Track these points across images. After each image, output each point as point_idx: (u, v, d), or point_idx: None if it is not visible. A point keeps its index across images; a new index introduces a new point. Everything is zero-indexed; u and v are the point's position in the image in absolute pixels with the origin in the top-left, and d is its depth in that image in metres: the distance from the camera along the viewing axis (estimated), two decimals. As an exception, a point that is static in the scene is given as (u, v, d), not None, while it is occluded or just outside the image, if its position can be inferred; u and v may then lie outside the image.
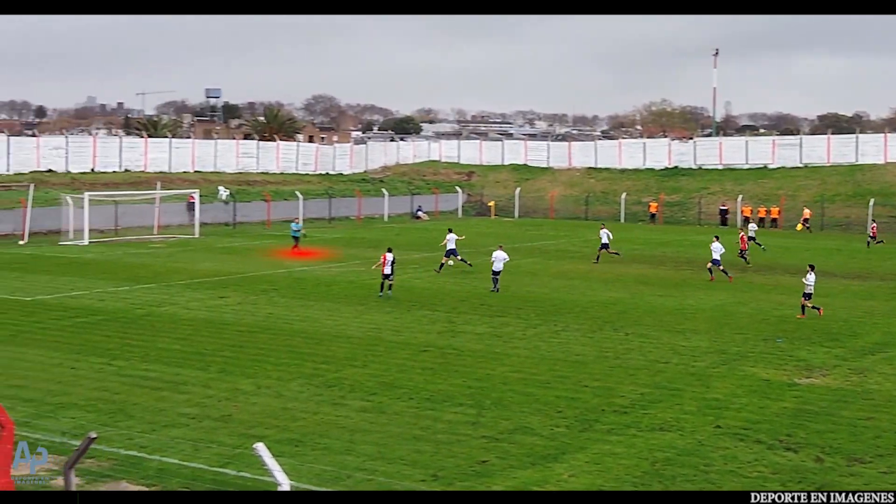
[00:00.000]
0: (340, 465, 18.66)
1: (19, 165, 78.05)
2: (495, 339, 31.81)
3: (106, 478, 17.66)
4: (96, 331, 32.09)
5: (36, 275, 45.73)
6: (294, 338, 31.41)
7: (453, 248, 48.59)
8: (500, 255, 42.36)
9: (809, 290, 36.73)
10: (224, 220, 77.03)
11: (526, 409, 23.11)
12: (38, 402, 22.88)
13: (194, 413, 22.28)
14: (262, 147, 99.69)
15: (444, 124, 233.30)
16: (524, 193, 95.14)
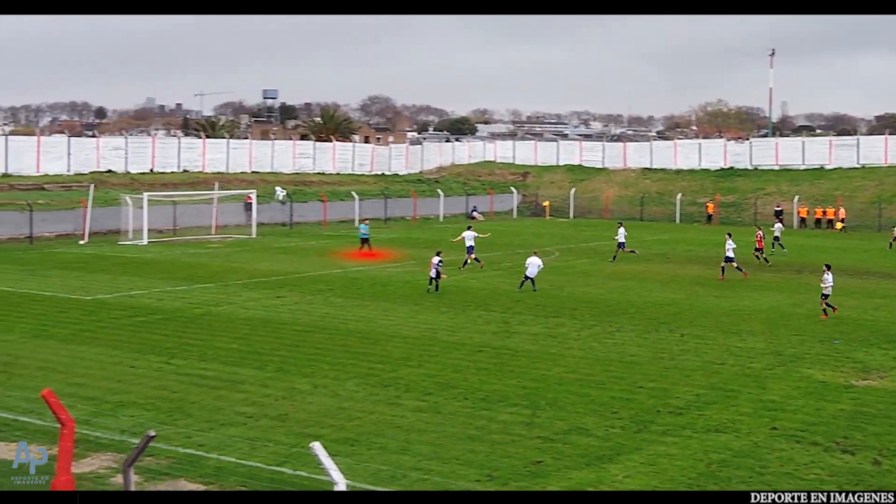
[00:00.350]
0: (396, 464, 18.73)
1: (80, 166, 79.13)
2: (550, 339, 31.78)
3: (164, 476, 17.82)
4: (155, 330, 32.47)
5: (96, 274, 46.37)
6: (350, 337, 31.58)
7: (471, 245, 49.14)
8: (534, 261, 42.42)
9: (827, 290, 36.15)
10: (281, 220, 77.60)
11: (581, 409, 23.08)
12: (98, 401, 23.18)
13: (251, 412, 22.47)
14: (319, 148, 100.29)
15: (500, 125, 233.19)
16: (579, 194, 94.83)
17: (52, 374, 25.90)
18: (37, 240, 61.50)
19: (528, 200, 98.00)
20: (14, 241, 61.11)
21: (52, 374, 25.90)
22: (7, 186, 70.97)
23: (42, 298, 38.76)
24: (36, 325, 32.78)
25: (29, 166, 75.99)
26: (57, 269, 47.97)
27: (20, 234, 61.76)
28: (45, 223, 63.63)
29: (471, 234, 49.42)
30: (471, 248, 49.03)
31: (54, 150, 79.16)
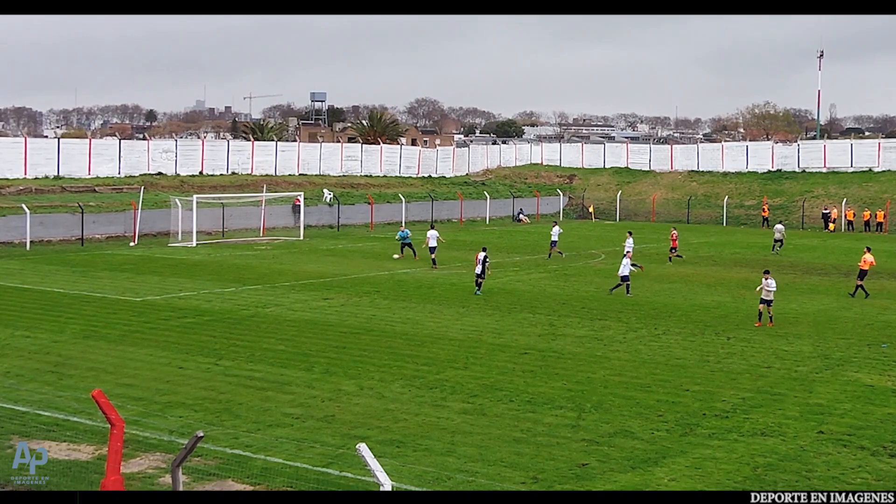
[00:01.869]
0: (441, 466, 18.78)
1: (130, 168, 79.87)
2: (596, 342, 31.74)
3: (212, 476, 17.95)
4: (203, 331, 32.78)
5: (145, 276, 46.86)
6: (396, 339, 31.70)
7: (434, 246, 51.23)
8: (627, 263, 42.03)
9: (768, 296, 34.84)
10: (328, 222, 77.98)
11: (626, 412, 23.05)
12: (147, 401, 23.40)
13: (298, 413, 22.63)
14: (366, 150, 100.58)
15: (546, 127, 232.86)
16: (625, 196, 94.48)
17: (102, 374, 26.21)
18: (88, 241, 62.27)
19: (574, 203, 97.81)
20: (66, 242, 61.92)
21: (102, 374, 26.22)
22: (59, 188, 71.84)
23: (93, 300, 39.24)
24: (86, 326, 33.20)
25: (80, 168, 76.81)
26: (107, 271, 48.54)
27: (72, 235, 62.57)
28: (96, 225, 64.41)
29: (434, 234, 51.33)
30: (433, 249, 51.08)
31: (105, 153, 79.95)
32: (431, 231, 51.43)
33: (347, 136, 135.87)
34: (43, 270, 48.45)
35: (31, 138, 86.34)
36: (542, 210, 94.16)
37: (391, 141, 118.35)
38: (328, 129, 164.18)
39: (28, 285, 43.04)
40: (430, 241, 50.61)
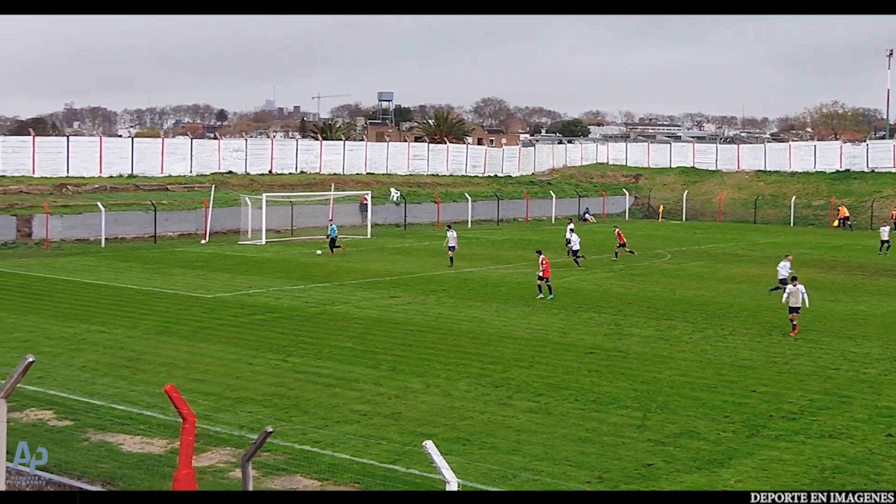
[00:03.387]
0: (507, 464, 18.88)
1: (201, 167, 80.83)
2: (662, 342, 31.67)
3: (281, 471, 18.21)
4: (272, 328, 33.20)
5: (216, 273, 47.53)
6: (462, 338, 31.87)
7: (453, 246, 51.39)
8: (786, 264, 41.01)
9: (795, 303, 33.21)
10: (395, 221, 78.37)
11: (692, 413, 23.01)
12: (217, 396, 23.81)
13: (365, 410, 22.85)
14: (433, 149, 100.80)
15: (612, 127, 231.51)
16: (692, 196, 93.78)
17: (174, 369, 26.68)
18: (160, 239, 63.27)
19: (640, 202, 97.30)
20: (139, 240, 62.96)
21: (175, 369, 26.68)
22: (133, 187, 73.01)
23: (165, 296, 39.91)
24: (159, 322, 33.80)
25: (153, 167, 77.92)
26: (179, 268, 49.31)
27: (145, 233, 63.61)
28: (169, 223, 65.40)
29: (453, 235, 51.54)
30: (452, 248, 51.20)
31: (177, 152, 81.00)
32: (451, 232, 51.42)
33: (414, 135, 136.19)
34: (117, 267, 49.35)
35: (106, 138, 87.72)
36: (608, 210, 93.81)
37: (457, 140, 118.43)
38: (395, 128, 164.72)
39: (103, 281, 43.89)
40: (450, 241, 50.70)
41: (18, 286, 42.35)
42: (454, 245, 51.20)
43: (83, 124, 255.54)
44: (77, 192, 69.19)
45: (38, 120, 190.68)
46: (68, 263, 50.72)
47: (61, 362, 27.11)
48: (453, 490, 12.16)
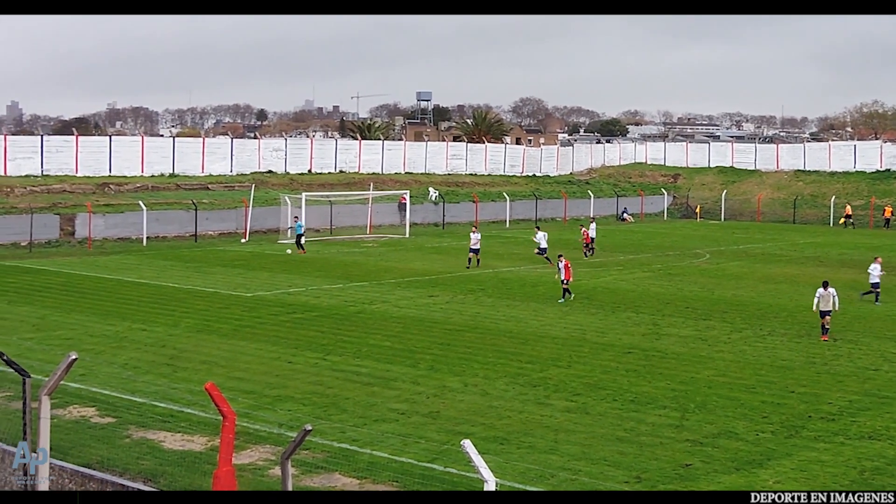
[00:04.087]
0: (545, 463, 18.92)
1: (241, 166, 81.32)
2: (700, 342, 31.58)
3: (319, 469, 18.32)
4: (312, 326, 33.40)
5: (256, 272, 47.85)
6: (500, 337, 31.93)
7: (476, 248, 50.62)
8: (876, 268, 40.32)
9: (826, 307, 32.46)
10: (434, 220, 78.51)
11: (731, 413, 22.95)
12: (257, 395, 23.98)
13: (404, 409, 22.97)
14: (471, 149, 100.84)
15: (650, 126, 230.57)
16: (730, 196, 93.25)
17: (214, 367, 26.94)
18: (201, 238, 63.75)
19: (678, 202, 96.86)
20: (180, 238, 63.48)
21: (215, 367, 26.94)
22: (174, 186, 73.59)
23: (205, 294, 40.24)
24: (200, 321, 34.09)
25: (194, 167, 78.49)
26: (219, 267, 49.67)
27: (186, 232, 64.12)
28: (209, 222, 65.90)
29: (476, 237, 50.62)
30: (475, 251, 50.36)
31: (218, 152, 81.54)
32: (475, 234, 50.80)
33: (452, 135, 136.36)
34: (158, 266, 49.80)
35: (147, 137, 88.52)
36: (647, 209, 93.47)
37: (496, 140, 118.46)
38: (434, 128, 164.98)
39: (145, 280, 44.32)
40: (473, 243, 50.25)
41: (62, 284, 42.85)
42: (477, 247, 50.38)
43: (125, 124, 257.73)
44: (119, 191, 69.85)
45: (81, 120, 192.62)
46: (110, 262, 51.24)
47: (103, 360, 27.44)
48: (491, 489, 12.19)
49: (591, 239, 57.08)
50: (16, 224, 58.07)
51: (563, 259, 40.19)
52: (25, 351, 27.44)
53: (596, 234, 58.42)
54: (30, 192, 65.12)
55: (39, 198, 64.26)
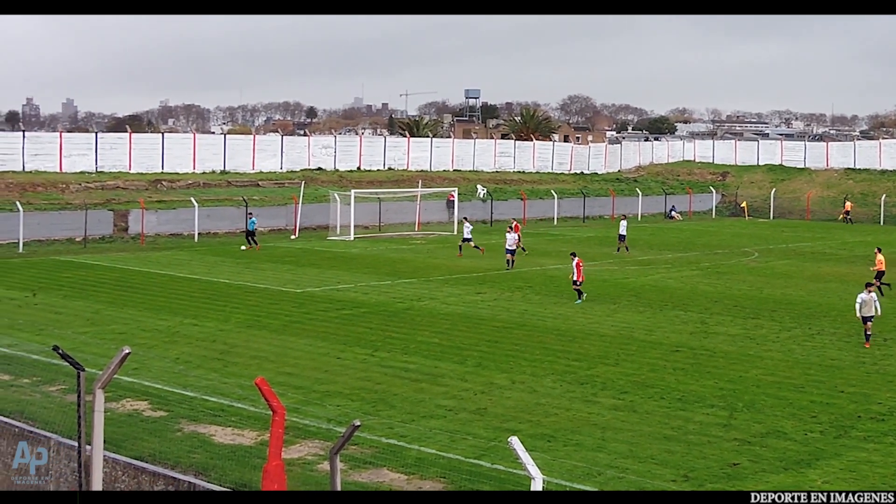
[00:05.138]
0: (592, 461, 18.97)
1: (291, 164, 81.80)
2: (748, 341, 31.45)
3: (368, 465, 18.49)
4: (360, 323, 33.62)
5: (305, 268, 48.20)
6: (547, 335, 31.98)
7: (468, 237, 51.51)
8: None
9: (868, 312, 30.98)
10: (481, 217, 78.50)
11: (779, 412, 22.88)
12: (306, 390, 24.20)
13: (451, 405, 23.10)
14: (519, 147, 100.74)
15: (699, 124, 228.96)
16: (779, 194, 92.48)
17: (264, 363, 27.19)
18: (251, 234, 64.21)
19: (727, 200, 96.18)
20: (231, 234, 63.96)
21: (265, 363, 27.19)
22: (225, 183, 74.21)
23: (256, 290, 40.60)
24: (250, 316, 34.43)
25: (245, 164, 79.07)
26: (269, 263, 50.05)
27: (237, 228, 64.54)
28: (259, 218, 66.25)
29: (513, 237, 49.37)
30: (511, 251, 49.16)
31: (268, 149, 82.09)
32: (510, 234, 49.15)
33: (501, 132, 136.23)
34: (210, 261, 50.32)
35: (199, 134, 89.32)
36: (695, 207, 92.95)
37: (544, 137, 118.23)
38: (482, 125, 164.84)
39: (196, 275, 44.82)
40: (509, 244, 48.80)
41: (115, 279, 43.43)
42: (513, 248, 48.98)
43: (177, 121, 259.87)
44: (171, 187, 70.58)
45: (135, 117, 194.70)
46: (162, 258, 51.83)
47: (156, 354, 27.82)
48: (538, 486, 12.20)
49: (621, 236, 57.27)
50: (71, 220, 58.85)
51: (576, 258, 39.40)
52: (80, 345, 27.86)
53: (627, 231, 58.32)
54: (84, 189, 65.99)
55: (94, 194, 65.10)
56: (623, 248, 56.83)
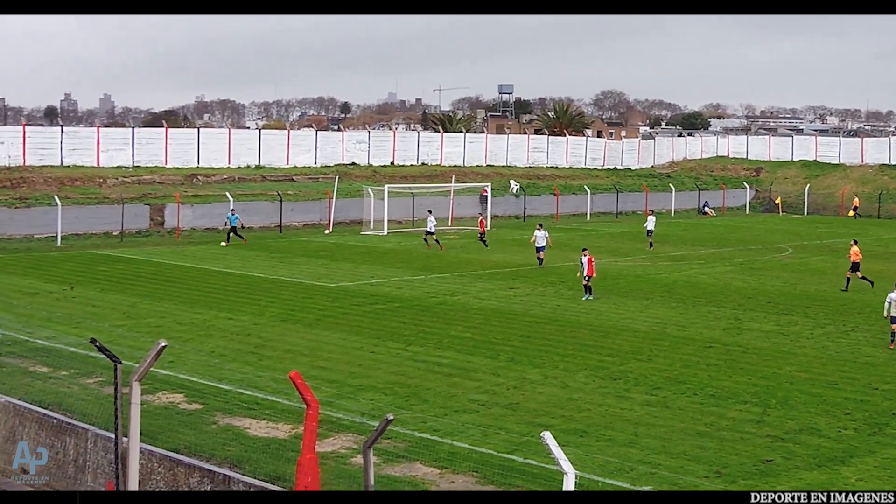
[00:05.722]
0: (624, 457, 19.02)
1: (325, 158, 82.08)
2: (782, 337, 31.34)
3: (401, 458, 18.61)
4: (393, 317, 33.76)
5: (339, 262, 48.41)
6: (580, 330, 32.00)
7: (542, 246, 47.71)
8: None
9: None
10: (514, 213, 78.58)
11: (812, 409, 22.81)
12: (340, 384, 24.36)
13: (484, 399, 23.18)
14: (552, 142, 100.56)
15: (733, 120, 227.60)
16: (814, 190, 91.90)
17: (298, 356, 27.39)
18: (286, 228, 64.62)
19: (761, 196, 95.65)
20: (265, 229, 64.38)
21: (299, 356, 27.38)
22: (260, 177, 74.58)
23: (290, 284, 40.85)
24: (284, 310, 34.66)
25: (279, 158, 79.39)
26: (303, 257, 50.34)
27: (271, 222, 65.05)
28: (294, 213, 66.77)
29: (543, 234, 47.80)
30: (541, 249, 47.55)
31: (303, 144, 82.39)
32: (539, 231, 47.74)
33: (534, 127, 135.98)
34: (244, 256, 50.62)
35: (234, 129, 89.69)
36: (729, 203, 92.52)
37: (577, 133, 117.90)
38: (515, 120, 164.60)
39: (231, 270, 45.12)
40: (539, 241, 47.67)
41: (151, 273, 43.81)
42: (542, 245, 47.76)
43: (213, 116, 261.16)
44: (207, 182, 71.03)
45: (171, 112, 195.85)
46: (198, 252, 52.22)
47: (191, 347, 28.08)
48: (571, 482, 12.21)
49: (649, 231, 57.42)
50: (108, 214, 59.43)
51: (587, 253, 38.68)
52: (117, 338, 28.18)
53: (655, 226, 58.14)
54: (121, 183, 66.53)
55: (130, 188, 65.64)
56: (650, 243, 56.60)
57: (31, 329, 30.05)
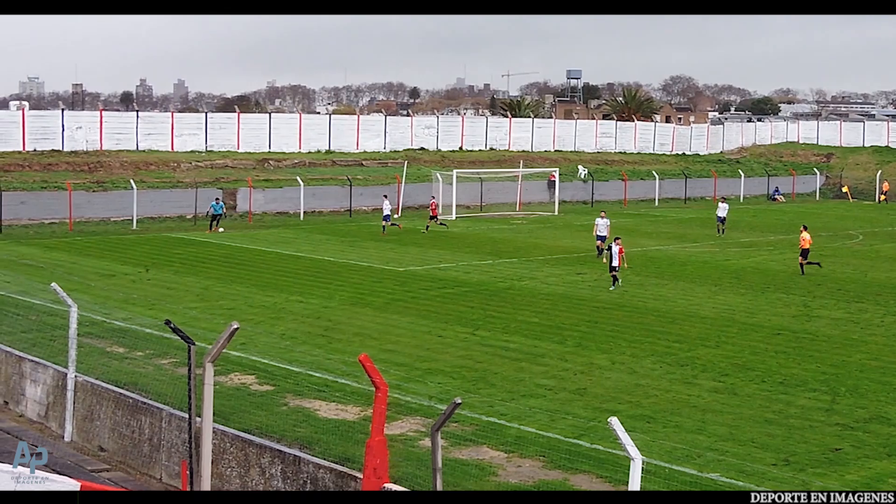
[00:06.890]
0: (691, 443, 19.02)
1: (394, 143, 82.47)
2: (852, 324, 31.04)
3: (468, 442, 18.75)
4: (461, 301, 33.96)
5: (408, 247, 48.72)
6: (647, 316, 31.95)
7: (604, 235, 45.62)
8: None
9: None
10: (582, 198, 78.38)
11: (883, 398, 22.61)
12: (408, 367, 24.56)
13: (551, 384, 23.29)
14: (621, 127, 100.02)
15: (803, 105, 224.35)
16: (886, 176, 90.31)
17: (367, 339, 27.65)
18: (355, 212, 65.14)
19: (831, 182, 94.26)
20: (335, 213, 64.98)
21: (368, 339, 27.64)
22: (330, 162, 75.20)
23: (359, 268, 41.21)
24: (354, 294, 35.00)
25: (349, 143, 79.95)
26: (372, 241, 50.72)
27: (341, 206, 65.64)
28: (363, 197, 67.21)
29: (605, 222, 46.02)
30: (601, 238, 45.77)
31: (372, 129, 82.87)
32: (601, 220, 46.10)
33: (602, 112, 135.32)
34: (315, 239, 51.18)
35: (305, 115, 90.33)
36: (798, 189, 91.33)
37: (645, 118, 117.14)
38: (583, 106, 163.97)
39: (302, 253, 45.66)
40: (599, 230, 46.02)
41: (224, 256, 44.47)
42: (604, 234, 45.73)
43: (284, 102, 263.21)
44: (278, 166, 71.77)
45: (243, 97, 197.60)
46: (269, 235, 52.86)
47: (262, 330, 28.51)
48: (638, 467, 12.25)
49: (721, 219, 56.41)
50: (182, 198, 60.38)
51: (619, 243, 37.55)
52: (190, 319, 28.67)
53: (727, 213, 57.01)
54: (195, 167, 67.54)
55: (203, 172, 66.58)
56: (721, 230, 56.06)
57: (108, 310, 30.73)
